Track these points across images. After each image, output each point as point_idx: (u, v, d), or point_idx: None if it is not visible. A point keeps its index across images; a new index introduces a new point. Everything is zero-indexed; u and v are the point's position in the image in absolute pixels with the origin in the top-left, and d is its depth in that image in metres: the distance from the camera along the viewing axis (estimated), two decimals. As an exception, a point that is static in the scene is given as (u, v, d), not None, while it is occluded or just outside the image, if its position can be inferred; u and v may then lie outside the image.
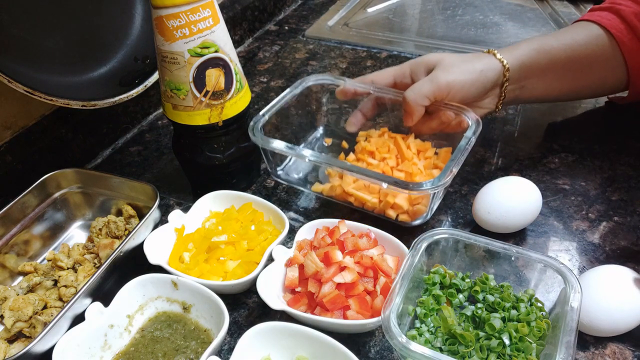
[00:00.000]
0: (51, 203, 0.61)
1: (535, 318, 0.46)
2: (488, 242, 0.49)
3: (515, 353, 0.44)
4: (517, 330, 0.45)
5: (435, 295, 0.49)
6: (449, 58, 0.61)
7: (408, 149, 0.62)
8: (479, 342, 0.45)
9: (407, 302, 0.47)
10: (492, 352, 0.44)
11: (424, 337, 0.47)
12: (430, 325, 0.48)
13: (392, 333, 0.42)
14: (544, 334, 0.45)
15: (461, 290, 0.50)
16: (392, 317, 0.43)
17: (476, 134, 0.57)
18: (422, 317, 0.48)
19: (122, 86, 0.68)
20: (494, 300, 0.48)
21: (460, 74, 0.59)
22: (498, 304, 0.48)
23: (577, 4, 1.09)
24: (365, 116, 0.66)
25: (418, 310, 0.49)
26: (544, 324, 0.45)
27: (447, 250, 0.51)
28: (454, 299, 0.50)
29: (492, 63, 0.61)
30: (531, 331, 0.45)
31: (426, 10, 1.12)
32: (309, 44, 1.02)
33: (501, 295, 0.49)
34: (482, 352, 0.44)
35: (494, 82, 0.62)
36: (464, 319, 0.48)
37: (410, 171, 0.59)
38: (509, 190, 0.57)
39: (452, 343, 0.46)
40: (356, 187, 0.58)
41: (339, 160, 0.56)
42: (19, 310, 0.50)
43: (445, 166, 0.53)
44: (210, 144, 0.61)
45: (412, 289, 0.48)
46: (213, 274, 0.54)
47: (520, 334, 0.45)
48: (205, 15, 0.53)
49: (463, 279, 0.51)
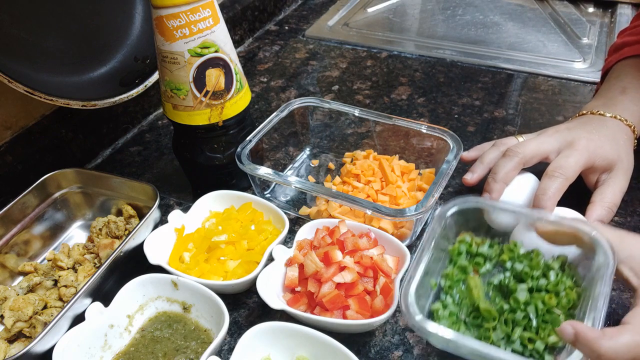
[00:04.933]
0: (51, 203, 0.61)
1: (565, 288, 0.43)
2: (515, 208, 0.48)
3: (543, 325, 0.42)
4: (544, 302, 0.43)
5: (461, 266, 0.47)
6: (629, 163, 0.57)
7: (392, 172, 0.63)
8: (503, 315, 0.43)
9: (429, 275, 0.45)
10: (517, 325, 0.42)
11: (449, 309, 0.45)
12: (457, 297, 0.46)
13: (409, 313, 0.40)
14: (575, 304, 0.43)
15: (489, 259, 0.48)
16: (411, 294, 0.41)
17: (457, 158, 0.58)
18: (447, 289, 0.46)
19: (122, 86, 0.68)
20: (521, 269, 0.46)
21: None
22: (526, 273, 0.45)
23: (577, 4, 1.09)
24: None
25: (442, 282, 0.46)
26: (574, 294, 0.43)
27: (473, 219, 0.49)
28: (480, 268, 0.47)
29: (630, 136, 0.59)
30: (559, 302, 0.43)
31: (426, 10, 1.12)
32: (309, 43, 1.02)
33: (529, 264, 0.46)
34: (506, 326, 0.42)
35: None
36: (491, 287, 0.46)
37: (394, 194, 0.61)
38: (517, 186, 0.57)
39: (476, 316, 0.44)
40: (342, 212, 0.60)
41: (324, 187, 0.57)
42: (19, 310, 0.50)
43: (427, 191, 0.54)
44: (210, 144, 0.61)
45: (435, 260, 0.46)
46: (213, 274, 0.54)
47: (548, 306, 0.42)
48: (205, 15, 0.53)
49: (491, 245, 0.49)
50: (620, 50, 0.67)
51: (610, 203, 0.55)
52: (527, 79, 0.87)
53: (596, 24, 1.02)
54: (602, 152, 0.56)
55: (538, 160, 0.57)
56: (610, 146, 0.56)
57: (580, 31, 0.99)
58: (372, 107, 0.82)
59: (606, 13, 1.06)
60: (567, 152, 0.56)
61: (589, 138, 0.56)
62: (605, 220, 0.54)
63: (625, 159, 0.57)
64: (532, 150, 0.56)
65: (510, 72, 0.89)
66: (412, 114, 0.80)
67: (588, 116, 0.61)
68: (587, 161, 0.55)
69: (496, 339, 0.43)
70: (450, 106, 0.81)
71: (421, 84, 0.87)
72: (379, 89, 0.87)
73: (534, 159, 0.57)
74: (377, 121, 0.66)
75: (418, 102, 0.83)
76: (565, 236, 0.46)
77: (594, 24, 1.02)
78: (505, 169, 0.56)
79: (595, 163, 0.56)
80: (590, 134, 0.57)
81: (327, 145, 0.73)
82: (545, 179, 0.54)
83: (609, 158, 0.56)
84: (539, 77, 0.87)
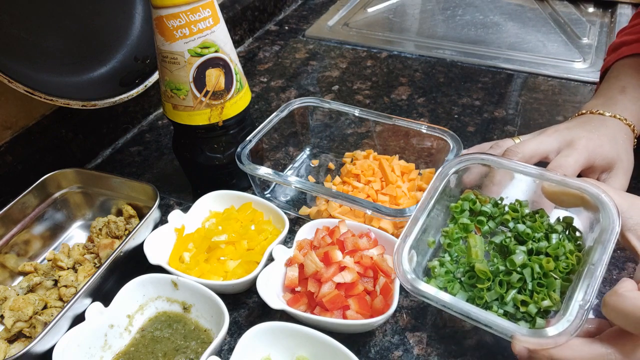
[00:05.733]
0: (51, 203, 0.61)
1: (565, 252, 0.42)
2: (520, 167, 0.47)
3: (538, 289, 0.41)
4: (541, 266, 0.42)
5: (462, 224, 0.46)
6: (628, 162, 0.57)
7: (392, 172, 0.63)
8: (498, 277, 0.42)
9: (428, 232, 0.44)
10: (512, 287, 0.42)
11: (445, 267, 0.44)
12: (455, 255, 0.45)
13: (402, 270, 0.40)
14: (573, 269, 0.42)
15: (492, 218, 0.47)
16: (404, 252, 0.40)
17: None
18: (446, 247, 0.45)
19: (122, 86, 0.68)
20: (523, 230, 0.45)
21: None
22: (527, 234, 0.44)
23: (577, 4, 1.09)
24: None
25: (442, 240, 0.46)
26: (574, 259, 0.42)
27: (478, 177, 0.48)
28: (482, 227, 0.46)
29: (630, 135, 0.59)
30: (557, 266, 0.42)
31: (426, 10, 1.12)
32: (309, 44, 1.02)
33: (532, 225, 0.45)
34: (501, 287, 0.42)
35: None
36: (492, 247, 0.45)
37: (394, 194, 0.61)
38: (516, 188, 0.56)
39: (471, 276, 0.43)
40: (342, 212, 0.60)
41: (324, 187, 0.57)
42: (19, 310, 0.50)
43: None
44: (210, 144, 0.61)
45: (436, 218, 0.45)
46: (213, 274, 0.54)
47: (545, 270, 0.41)
48: (205, 15, 0.53)
49: (496, 204, 0.48)
50: (619, 50, 0.67)
51: None
52: (527, 79, 0.87)
53: (596, 24, 1.02)
54: (602, 152, 0.56)
55: (537, 159, 0.57)
56: (610, 145, 0.56)
57: (580, 31, 0.99)
58: (372, 107, 0.82)
59: (606, 13, 1.06)
60: (566, 151, 0.56)
61: (589, 137, 0.56)
62: None
63: (625, 158, 0.57)
64: (532, 150, 0.56)
65: (510, 72, 0.89)
66: (412, 114, 0.80)
67: (587, 115, 0.61)
68: (587, 160, 0.55)
69: (489, 300, 0.42)
70: (450, 106, 0.81)
71: (421, 84, 0.87)
72: (379, 89, 0.87)
73: (534, 159, 0.57)
74: (377, 121, 0.66)
75: (418, 102, 0.83)
76: (571, 197, 0.44)
77: (594, 24, 1.02)
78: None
79: (595, 162, 0.56)
80: (590, 133, 0.57)
81: (327, 145, 0.73)
82: None
83: (608, 157, 0.56)
84: (539, 77, 0.87)
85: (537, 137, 0.58)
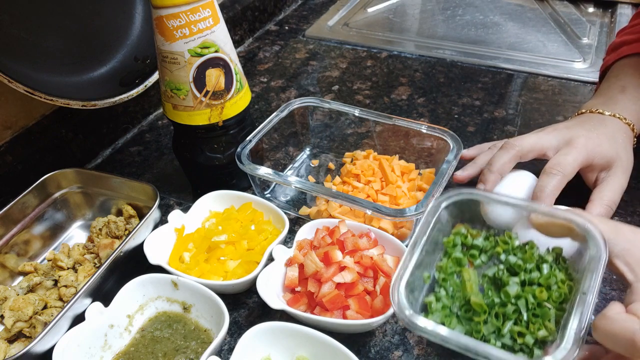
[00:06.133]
0: (51, 203, 0.61)
1: (557, 281, 0.43)
2: (509, 200, 0.47)
3: (533, 319, 0.42)
4: (534, 296, 0.42)
5: (455, 259, 0.47)
6: (628, 161, 0.57)
7: (392, 172, 0.63)
8: (494, 309, 0.43)
9: (422, 268, 0.45)
10: (507, 319, 0.42)
11: (442, 302, 0.44)
12: (450, 289, 0.45)
13: (400, 306, 0.40)
14: (566, 298, 0.42)
15: (484, 251, 0.48)
16: (401, 289, 0.41)
17: (457, 157, 0.58)
18: (441, 282, 0.46)
19: (122, 86, 0.68)
20: (514, 262, 0.45)
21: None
22: (519, 266, 0.45)
23: (577, 4, 1.09)
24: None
25: (436, 275, 0.46)
26: (566, 288, 0.43)
27: (468, 211, 0.49)
28: (475, 260, 0.47)
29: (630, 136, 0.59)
30: (550, 296, 0.42)
31: (426, 10, 1.12)
32: (309, 44, 1.02)
33: (523, 256, 0.46)
34: (497, 320, 0.42)
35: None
36: (486, 280, 0.46)
37: (394, 194, 0.61)
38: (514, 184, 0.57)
39: (468, 310, 0.44)
40: (342, 212, 0.60)
41: (324, 187, 0.57)
42: (19, 310, 0.50)
43: (428, 191, 0.54)
44: (210, 144, 0.61)
45: (430, 253, 0.46)
46: (213, 274, 0.54)
47: (539, 300, 0.42)
48: (205, 15, 0.53)
49: (487, 237, 0.48)
50: (619, 49, 0.67)
51: (609, 201, 0.55)
52: (527, 79, 0.87)
53: (596, 24, 1.02)
54: (601, 150, 0.56)
55: (535, 155, 0.57)
56: (609, 144, 0.56)
57: (580, 31, 0.99)
58: (372, 107, 0.82)
59: (606, 13, 1.06)
60: (565, 149, 0.56)
61: (588, 136, 0.56)
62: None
63: (624, 157, 0.57)
64: (530, 145, 0.56)
65: (510, 72, 0.89)
66: (412, 114, 0.80)
67: (587, 115, 0.61)
68: (586, 159, 0.55)
69: (487, 333, 0.42)
70: (450, 106, 0.81)
71: (421, 84, 0.87)
72: (379, 89, 0.87)
73: (531, 154, 0.57)
74: (377, 121, 0.66)
75: (418, 102, 0.83)
76: (559, 228, 0.45)
77: (594, 24, 1.02)
78: (501, 161, 0.56)
79: (593, 161, 0.56)
80: (589, 132, 0.57)
81: (327, 145, 0.73)
82: (544, 177, 0.54)
83: (607, 156, 0.56)
84: (539, 77, 0.87)
85: (536, 133, 0.58)
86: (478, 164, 0.62)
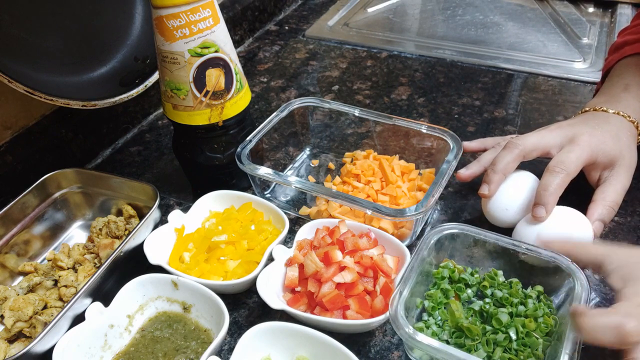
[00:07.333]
0: (51, 203, 0.61)
1: (543, 314, 0.46)
2: (498, 238, 0.49)
3: (522, 348, 0.44)
4: (524, 326, 0.45)
5: (444, 289, 0.49)
6: (631, 160, 0.57)
7: (392, 172, 0.63)
8: (485, 336, 0.45)
9: (414, 295, 0.47)
10: (498, 346, 0.44)
11: (431, 329, 0.47)
12: (438, 318, 0.48)
13: (399, 324, 0.42)
14: (551, 330, 0.45)
15: (470, 285, 0.50)
16: (400, 309, 0.43)
17: (457, 157, 0.58)
18: (430, 310, 0.48)
19: (122, 86, 0.68)
20: (502, 295, 0.48)
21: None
22: (506, 299, 0.48)
23: (577, 4, 1.09)
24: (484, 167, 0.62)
25: (426, 303, 0.49)
26: (552, 320, 0.45)
27: (457, 245, 0.51)
28: (462, 294, 0.50)
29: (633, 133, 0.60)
30: (538, 327, 0.45)
31: (426, 10, 1.12)
32: (309, 44, 1.02)
33: (509, 291, 0.49)
34: (488, 346, 0.44)
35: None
36: (471, 313, 0.48)
37: (394, 194, 0.61)
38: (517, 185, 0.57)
39: (458, 336, 0.46)
40: (342, 212, 0.60)
41: (324, 187, 0.58)
42: (19, 310, 0.50)
43: (427, 191, 0.54)
44: (210, 144, 0.61)
45: (420, 282, 0.48)
46: (213, 274, 0.54)
47: (527, 329, 0.45)
48: (206, 15, 0.53)
49: (472, 274, 0.51)
50: (621, 49, 0.67)
51: (611, 202, 0.55)
52: (527, 79, 0.87)
53: (596, 24, 1.02)
54: (604, 148, 0.56)
55: (538, 154, 0.57)
56: (613, 142, 0.56)
57: (580, 31, 0.99)
58: (372, 107, 0.82)
59: (606, 13, 1.06)
60: (568, 147, 0.55)
61: (591, 134, 0.56)
62: (606, 219, 0.54)
63: (627, 156, 0.57)
64: (533, 143, 0.56)
65: (510, 72, 0.89)
66: (412, 114, 0.80)
67: (591, 113, 0.61)
68: (589, 157, 0.55)
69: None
70: (450, 106, 0.81)
71: (421, 84, 0.87)
72: (379, 89, 0.87)
73: (534, 153, 0.56)
74: (377, 121, 0.66)
75: (418, 102, 0.83)
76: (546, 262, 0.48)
77: (594, 24, 1.02)
78: (505, 160, 0.56)
79: (597, 159, 0.56)
80: (593, 129, 0.57)
81: (327, 145, 0.73)
82: (547, 175, 0.54)
83: (611, 154, 0.56)
84: (539, 77, 0.87)
85: (539, 132, 0.58)
86: (481, 162, 0.61)
